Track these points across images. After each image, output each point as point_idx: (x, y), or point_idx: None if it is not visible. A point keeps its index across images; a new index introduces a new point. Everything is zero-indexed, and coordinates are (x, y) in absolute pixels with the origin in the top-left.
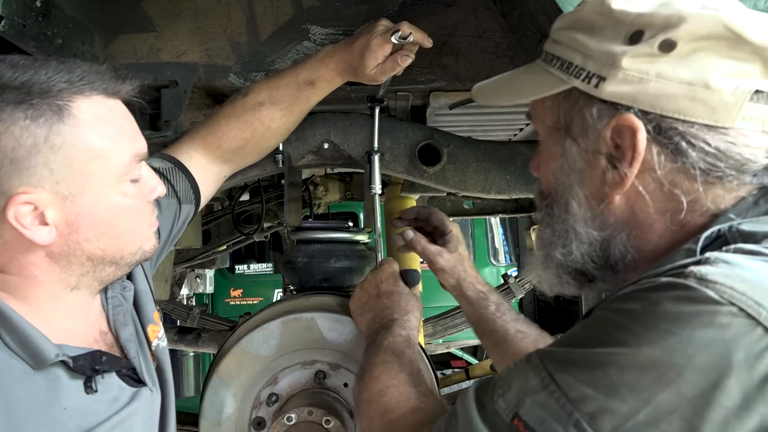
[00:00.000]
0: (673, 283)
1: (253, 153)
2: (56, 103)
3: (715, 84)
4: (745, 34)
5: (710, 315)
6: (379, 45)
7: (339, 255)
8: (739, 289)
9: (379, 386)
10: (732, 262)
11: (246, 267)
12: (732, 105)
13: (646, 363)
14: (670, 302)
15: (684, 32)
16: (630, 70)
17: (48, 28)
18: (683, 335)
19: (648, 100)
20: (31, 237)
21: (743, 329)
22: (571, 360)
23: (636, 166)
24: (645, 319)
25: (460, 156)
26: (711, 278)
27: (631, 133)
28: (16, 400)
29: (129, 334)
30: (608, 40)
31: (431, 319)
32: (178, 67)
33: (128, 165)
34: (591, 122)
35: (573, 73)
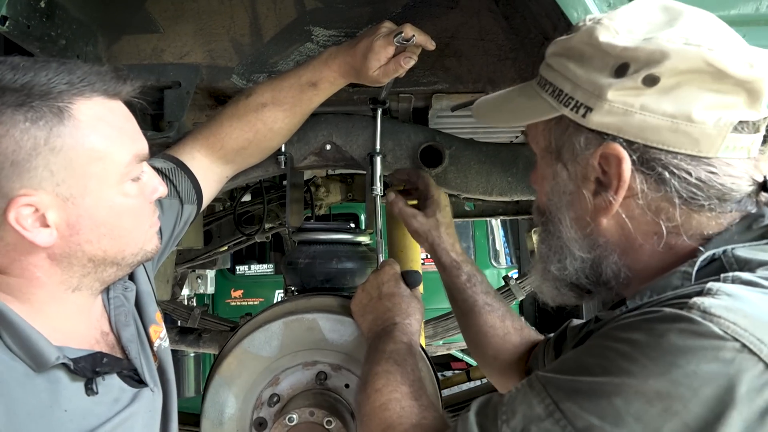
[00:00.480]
0: (677, 315)
1: (256, 154)
2: (56, 105)
3: (698, 117)
4: (727, 69)
5: (715, 350)
6: (382, 47)
7: (341, 256)
8: (741, 325)
9: (381, 400)
10: (733, 294)
11: (247, 268)
12: (715, 137)
13: (652, 394)
14: (676, 335)
15: (666, 68)
16: (615, 102)
17: (52, 28)
18: (689, 369)
19: (632, 131)
20: (32, 239)
21: (746, 365)
22: (576, 389)
23: (621, 193)
24: (651, 350)
25: (462, 158)
26: (714, 312)
27: (617, 161)
28: (17, 403)
29: (130, 335)
30: (596, 70)
31: (432, 321)
32: (181, 68)
33: (129, 166)
34: (579, 149)
35: (563, 101)
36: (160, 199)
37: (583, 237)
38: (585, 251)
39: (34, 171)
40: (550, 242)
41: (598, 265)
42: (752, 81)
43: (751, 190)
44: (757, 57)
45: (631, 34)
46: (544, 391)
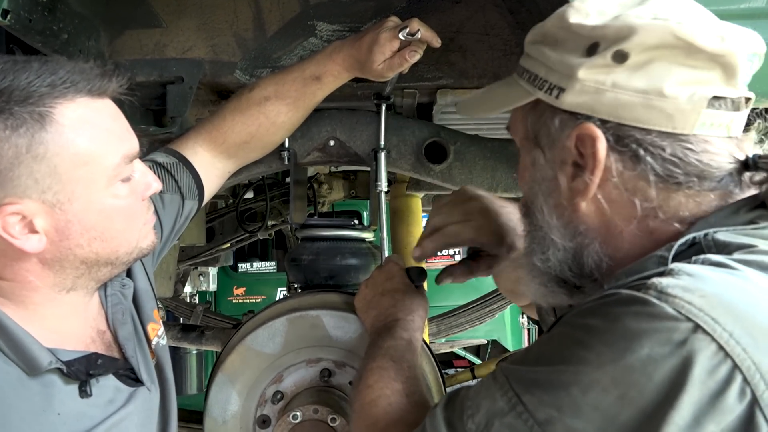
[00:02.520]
0: (633, 297)
1: (258, 148)
2: (37, 110)
3: (670, 92)
4: (696, 42)
5: (668, 331)
6: (387, 40)
7: (345, 253)
8: (696, 305)
9: (371, 396)
10: (694, 274)
11: (249, 265)
12: (689, 112)
13: (607, 382)
14: (630, 318)
15: (635, 43)
16: (587, 80)
17: (54, 23)
18: (642, 353)
19: (605, 109)
20: (21, 246)
21: (698, 345)
22: (535, 380)
23: (598, 173)
24: (606, 335)
25: (467, 154)
26: (670, 292)
27: (592, 141)
28: (10, 407)
29: (127, 333)
30: (568, 52)
31: (435, 318)
32: (184, 63)
33: (118, 167)
34: (555, 132)
35: (537, 85)
36: (162, 194)
37: (563, 224)
38: (567, 239)
39: (18, 180)
40: (534, 234)
41: (580, 255)
42: (724, 54)
43: (732, 168)
44: (729, 31)
45: (601, 15)
46: (507, 383)
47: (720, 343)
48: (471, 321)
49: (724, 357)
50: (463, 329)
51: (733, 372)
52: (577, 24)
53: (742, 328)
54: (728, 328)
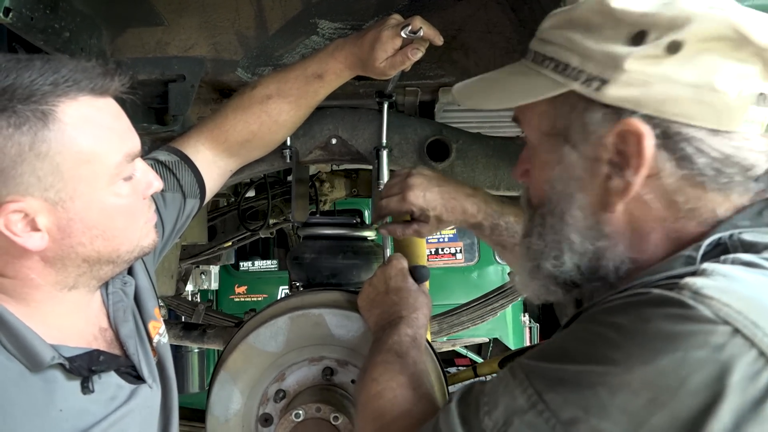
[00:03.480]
0: (665, 298)
1: (260, 147)
2: (40, 108)
3: (721, 86)
4: (751, 35)
5: (705, 335)
6: (389, 38)
7: (347, 251)
8: (735, 308)
9: (376, 389)
10: (729, 275)
11: (251, 264)
12: (737, 108)
13: (638, 384)
14: (663, 319)
15: (691, 33)
16: (634, 72)
17: (56, 21)
18: (677, 356)
19: (653, 103)
20: (23, 244)
21: (738, 350)
22: (559, 378)
23: (642, 173)
24: (637, 336)
25: (469, 152)
26: (707, 293)
27: (637, 138)
28: (12, 403)
29: (129, 330)
30: (608, 40)
31: (437, 317)
32: (186, 61)
33: (120, 166)
34: (592, 127)
35: (571, 75)
36: (163, 193)
37: (588, 226)
38: (589, 242)
39: (20, 177)
40: (547, 237)
41: (598, 258)
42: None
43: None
44: None
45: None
46: (526, 380)
47: (761, 348)
48: (472, 319)
49: (766, 363)
50: (464, 328)
51: None
52: (622, 9)
53: None
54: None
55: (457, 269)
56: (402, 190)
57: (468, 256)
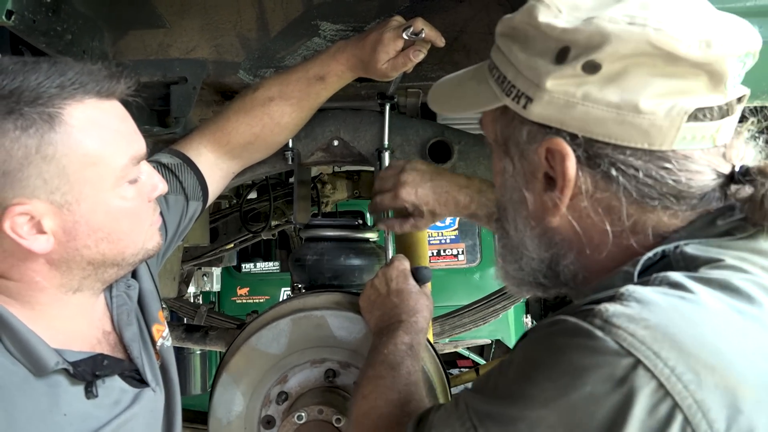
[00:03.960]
0: (577, 328)
1: (262, 149)
2: (47, 111)
3: (646, 107)
4: (677, 51)
5: (610, 367)
6: (391, 39)
7: (348, 253)
8: (639, 337)
9: (365, 407)
10: (643, 300)
11: (253, 266)
12: (667, 128)
13: (554, 420)
14: (573, 352)
15: (607, 53)
16: (555, 92)
17: (58, 23)
18: (585, 391)
19: (576, 123)
20: (28, 246)
21: (639, 382)
22: (488, 413)
23: (567, 192)
24: (550, 371)
25: (471, 153)
26: (615, 321)
27: (561, 158)
28: (17, 407)
29: (133, 334)
30: (537, 54)
31: (439, 318)
32: (188, 63)
33: (125, 169)
34: (523, 144)
35: (505, 90)
36: (166, 195)
37: (537, 235)
38: (541, 250)
39: (27, 180)
40: (506, 241)
41: (555, 264)
42: (710, 62)
43: (715, 184)
44: (718, 33)
45: (575, 12)
46: (466, 413)
47: (661, 380)
48: (475, 321)
49: (665, 395)
50: (466, 329)
51: (674, 411)
52: (546, 24)
53: (685, 364)
54: (670, 363)
55: (459, 271)
56: (394, 187)
57: (470, 258)
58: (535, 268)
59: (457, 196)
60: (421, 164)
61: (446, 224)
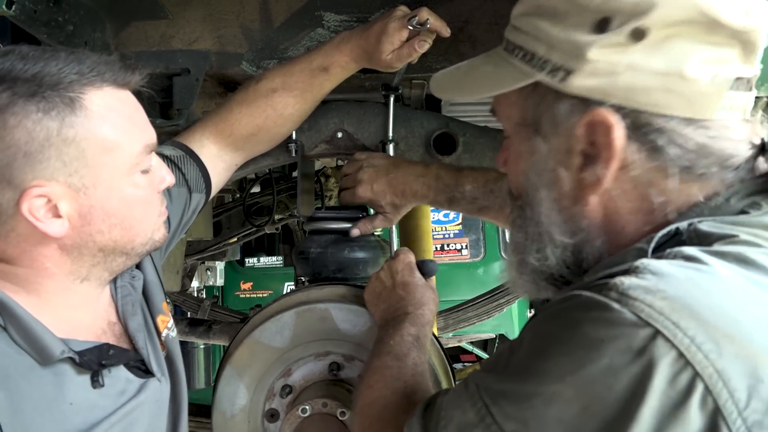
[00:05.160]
0: (592, 301)
1: (265, 141)
2: (68, 95)
3: (692, 74)
4: (722, 17)
5: (628, 339)
6: (396, 30)
7: (353, 245)
8: (657, 308)
9: (371, 396)
10: (659, 272)
11: (256, 260)
12: (711, 95)
13: (570, 394)
14: (589, 324)
15: (655, 19)
16: (598, 61)
17: (59, 14)
18: (602, 363)
19: (621, 93)
20: (44, 229)
21: (658, 353)
22: (502, 391)
23: (613, 165)
24: (565, 345)
25: (476, 145)
26: (631, 294)
27: (606, 129)
28: (23, 396)
29: (138, 324)
30: (573, 28)
31: (443, 313)
32: (190, 54)
33: (139, 156)
34: (561, 119)
35: (537, 65)
36: (168, 188)
37: (565, 220)
38: (568, 235)
39: (47, 162)
40: (528, 229)
41: (579, 251)
42: (748, 31)
43: (750, 154)
44: (753, 4)
45: None
46: (477, 393)
47: (680, 349)
48: (479, 315)
49: (685, 364)
50: (470, 324)
51: (695, 380)
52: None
53: (704, 333)
54: (690, 333)
55: (463, 265)
56: (353, 184)
57: (474, 252)
58: (560, 257)
59: (413, 186)
60: (379, 158)
61: (450, 219)
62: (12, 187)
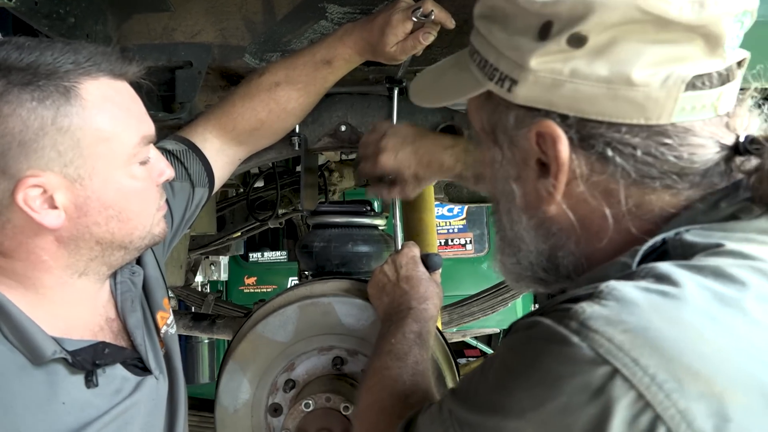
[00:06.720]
0: (552, 332)
1: (269, 134)
2: (63, 84)
3: (639, 78)
4: (669, 13)
5: (586, 376)
6: (400, 21)
7: (357, 239)
8: (617, 343)
9: (369, 399)
10: (623, 299)
11: (260, 255)
12: (664, 99)
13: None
14: (549, 360)
15: (593, 24)
16: (541, 71)
17: (60, 6)
18: (561, 402)
19: (565, 103)
20: (40, 220)
21: (617, 393)
22: (468, 423)
23: (562, 177)
24: (526, 381)
25: None
26: (592, 325)
27: (552, 141)
28: (14, 395)
29: (136, 321)
30: (519, 33)
31: (447, 307)
32: (193, 47)
33: (136, 147)
34: (512, 130)
35: (488, 73)
36: (171, 182)
37: (534, 227)
38: (540, 241)
39: (42, 151)
40: (502, 234)
41: (554, 256)
42: (705, 24)
43: (719, 157)
44: None
45: None
46: (449, 419)
47: (640, 390)
48: (483, 310)
49: (645, 406)
50: (475, 318)
51: (656, 422)
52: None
53: (666, 370)
54: (650, 371)
55: (467, 260)
56: (374, 154)
57: (478, 247)
58: (534, 262)
59: (441, 156)
60: (404, 128)
61: (454, 214)
62: (7, 177)
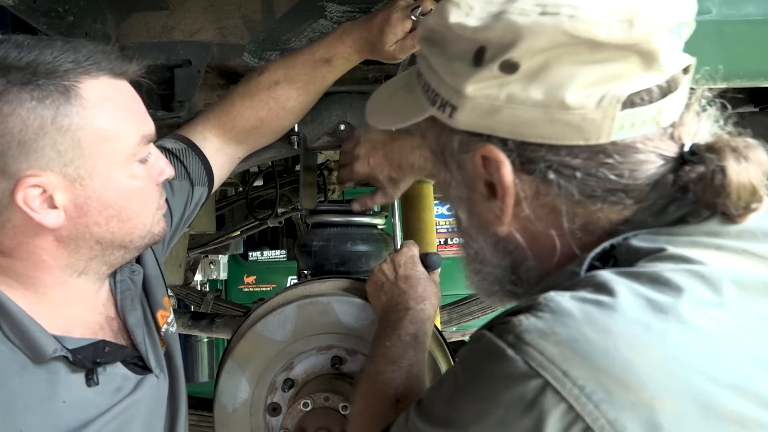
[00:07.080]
0: (492, 346)
1: (268, 133)
2: (63, 83)
3: (574, 101)
4: (596, 36)
5: (519, 390)
6: (399, 20)
7: (356, 238)
8: (548, 355)
9: (361, 406)
10: (558, 310)
11: (259, 254)
12: (600, 120)
13: None
14: (488, 374)
15: (522, 50)
16: (477, 97)
17: (59, 4)
18: (498, 415)
19: (505, 127)
20: (40, 220)
21: (548, 405)
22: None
23: (508, 200)
24: (469, 395)
25: None
26: (526, 338)
27: (496, 165)
28: (15, 394)
29: (136, 319)
30: (456, 58)
31: (447, 307)
32: (192, 46)
33: (136, 146)
34: (457, 155)
35: (430, 99)
36: (171, 181)
37: (492, 245)
38: (500, 258)
39: (41, 151)
40: (467, 251)
41: (516, 271)
42: (636, 42)
43: (664, 170)
44: (642, 8)
45: (487, 6)
46: (412, 429)
47: (570, 401)
48: (483, 309)
49: (575, 417)
50: (474, 318)
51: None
52: (458, 24)
53: (595, 382)
54: (579, 382)
55: None
56: (350, 161)
57: None
58: (499, 277)
59: (410, 157)
60: (376, 133)
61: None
62: (7, 177)
